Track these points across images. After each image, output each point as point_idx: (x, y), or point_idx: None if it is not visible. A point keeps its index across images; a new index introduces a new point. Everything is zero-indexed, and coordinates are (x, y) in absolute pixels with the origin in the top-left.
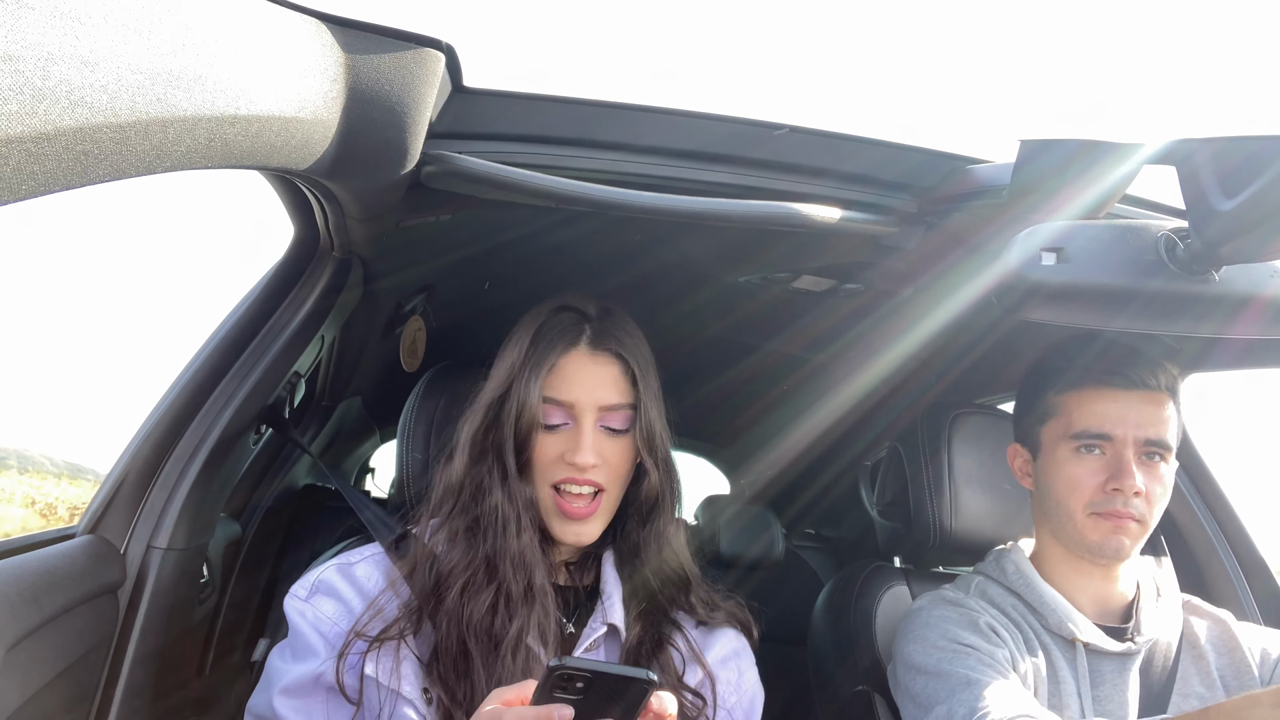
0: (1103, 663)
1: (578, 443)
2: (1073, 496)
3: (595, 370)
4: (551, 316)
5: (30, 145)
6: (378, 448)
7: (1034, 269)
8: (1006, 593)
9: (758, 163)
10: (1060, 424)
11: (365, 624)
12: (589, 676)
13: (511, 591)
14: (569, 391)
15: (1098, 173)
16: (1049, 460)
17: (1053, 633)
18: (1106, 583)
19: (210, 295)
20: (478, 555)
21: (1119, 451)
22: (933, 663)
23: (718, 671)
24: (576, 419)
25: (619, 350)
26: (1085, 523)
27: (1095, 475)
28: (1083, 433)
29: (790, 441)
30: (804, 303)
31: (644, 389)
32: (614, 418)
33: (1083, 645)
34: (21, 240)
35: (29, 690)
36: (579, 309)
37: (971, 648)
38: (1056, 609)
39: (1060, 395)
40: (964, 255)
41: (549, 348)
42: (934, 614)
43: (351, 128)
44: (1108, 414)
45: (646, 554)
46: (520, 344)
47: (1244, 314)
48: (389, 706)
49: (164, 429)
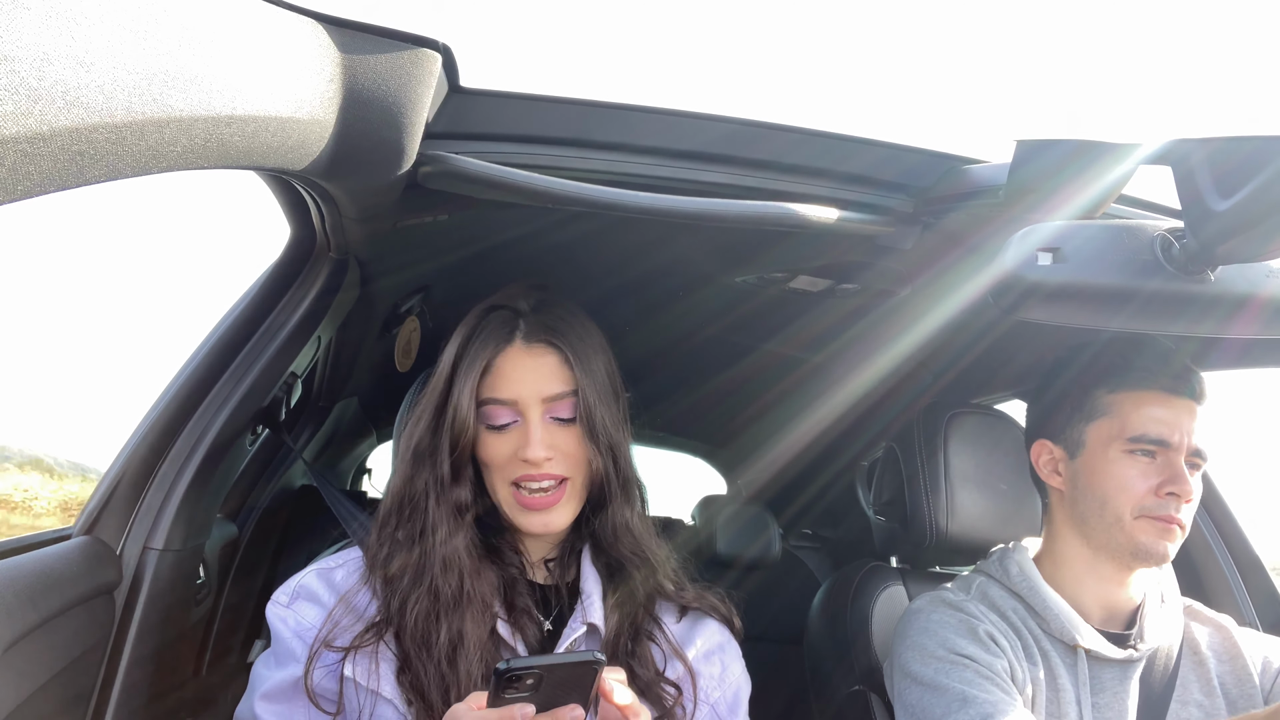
0: (1103, 670)
1: (527, 438)
2: (1122, 497)
3: (532, 363)
4: (483, 319)
5: (26, 145)
6: (374, 448)
7: (1031, 269)
8: (1008, 595)
9: (755, 163)
10: (1113, 424)
11: (338, 628)
12: (537, 672)
13: (441, 594)
14: (509, 389)
15: (1094, 173)
16: (1096, 460)
17: (1054, 638)
18: (1119, 588)
19: (206, 296)
20: (411, 562)
21: (1172, 458)
22: (929, 674)
23: (699, 667)
24: (524, 414)
25: (553, 340)
26: (1134, 525)
27: (1147, 478)
28: (1142, 436)
29: (787, 442)
30: (801, 303)
31: (581, 374)
32: (560, 407)
33: (1084, 652)
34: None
35: (25, 691)
36: (510, 306)
37: (969, 659)
38: (1059, 614)
39: (1114, 394)
40: (961, 255)
41: (481, 349)
42: (932, 619)
43: (348, 128)
44: (1167, 420)
45: (605, 542)
46: (453, 350)
47: (1240, 314)
48: (369, 707)
49: (160, 430)
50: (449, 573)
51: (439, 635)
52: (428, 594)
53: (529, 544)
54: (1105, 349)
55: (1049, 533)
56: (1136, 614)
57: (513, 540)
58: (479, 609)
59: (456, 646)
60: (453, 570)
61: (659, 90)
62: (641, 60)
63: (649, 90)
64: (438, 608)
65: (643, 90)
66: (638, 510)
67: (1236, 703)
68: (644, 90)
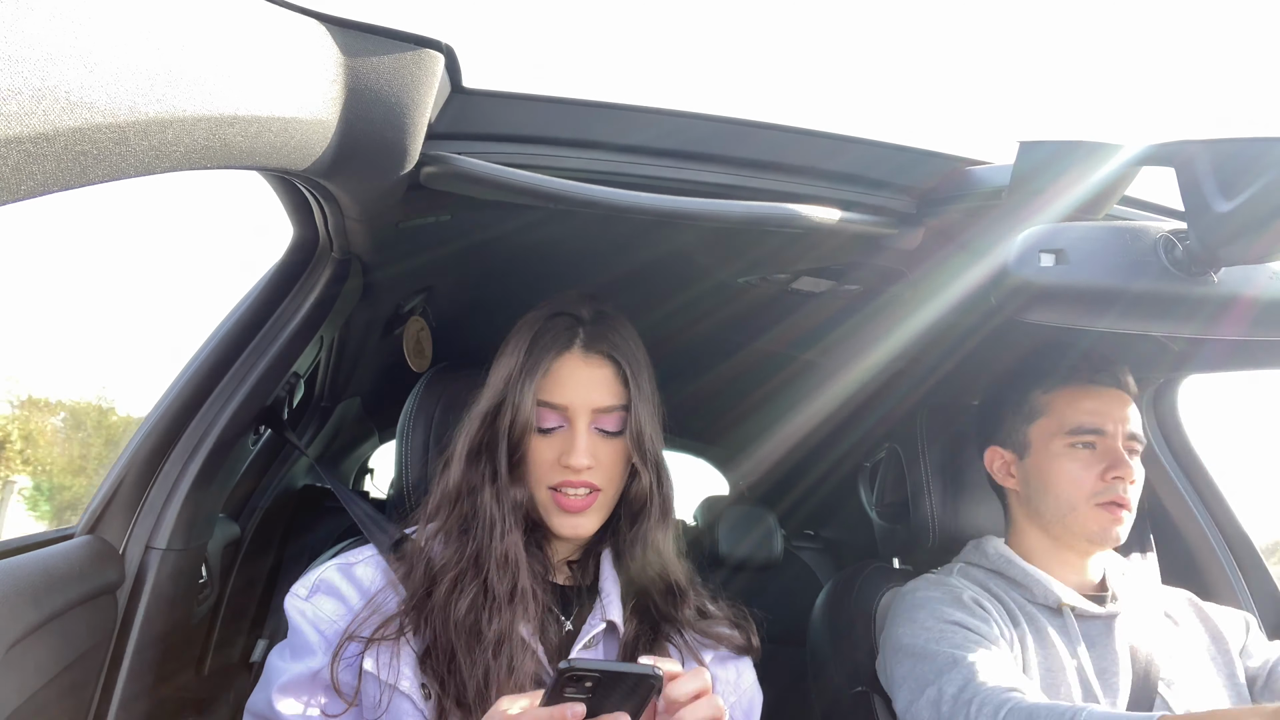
0: (1091, 626)
1: (572, 445)
2: (1073, 489)
3: (588, 373)
4: (546, 322)
5: (29, 145)
6: (376, 448)
7: (1033, 270)
8: (989, 574)
9: (757, 163)
10: (1052, 422)
11: (363, 623)
12: (598, 676)
13: (496, 590)
14: (563, 394)
15: (1097, 174)
16: (1042, 457)
17: (1038, 604)
18: (1082, 568)
19: (210, 296)
20: (465, 554)
21: (1110, 445)
22: (920, 643)
23: (715, 670)
24: (571, 421)
25: (611, 352)
26: (1088, 513)
27: (1092, 468)
28: (1078, 428)
29: (789, 441)
30: (803, 303)
31: (635, 390)
32: (608, 420)
33: (1069, 610)
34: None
35: (27, 690)
36: (572, 313)
37: (958, 624)
38: (1040, 580)
39: (1048, 394)
40: (962, 256)
41: (543, 352)
42: (919, 595)
43: (351, 128)
44: (1100, 410)
45: (633, 554)
46: (516, 351)
47: (1242, 316)
48: (387, 700)
49: (163, 429)
50: (504, 570)
51: (489, 628)
52: (480, 588)
53: (555, 545)
54: (1031, 355)
55: (1012, 530)
56: (1103, 583)
57: (539, 540)
58: (528, 606)
59: (503, 641)
60: (508, 566)
61: (662, 91)
62: (645, 61)
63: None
64: (490, 602)
65: (646, 91)
66: (671, 535)
67: (1215, 656)
68: (647, 91)
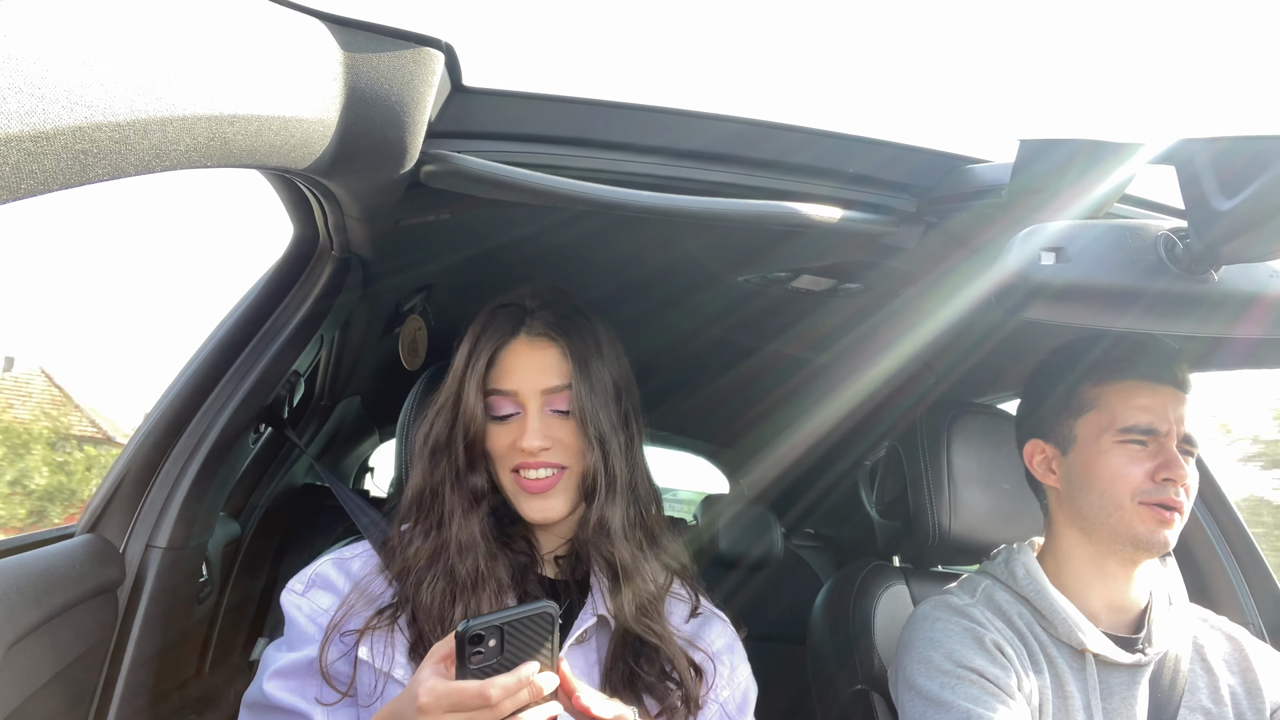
0: (1112, 675)
1: (524, 428)
2: (1119, 484)
3: (533, 356)
4: (491, 314)
5: (29, 144)
6: (377, 447)
7: (1034, 269)
8: (1015, 599)
9: (758, 163)
10: (1102, 417)
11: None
12: (499, 628)
13: (458, 575)
14: (511, 380)
15: (1098, 172)
16: (1088, 453)
17: (1061, 642)
18: (1125, 585)
19: (210, 294)
20: (436, 547)
21: (1164, 445)
22: (934, 688)
23: (708, 664)
24: (524, 406)
25: (553, 334)
26: (1134, 512)
27: (1141, 464)
28: (1133, 427)
29: (790, 441)
30: (804, 303)
31: (578, 368)
32: (558, 399)
33: (1092, 656)
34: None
35: (28, 689)
36: (517, 303)
37: (976, 673)
38: (1067, 618)
39: (1099, 388)
40: (964, 255)
41: (487, 343)
42: (938, 627)
43: (351, 127)
44: (1154, 409)
45: (587, 535)
46: (465, 346)
47: (1243, 314)
48: (382, 687)
49: (163, 428)
50: (465, 555)
51: (455, 615)
52: (444, 575)
53: (540, 536)
54: (1081, 343)
55: (1050, 533)
56: (1144, 617)
57: (524, 531)
58: (494, 591)
59: None
60: (469, 553)
61: (662, 89)
62: (645, 59)
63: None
64: (454, 588)
65: (646, 89)
66: (626, 513)
67: (1245, 715)
68: (647, 89)
